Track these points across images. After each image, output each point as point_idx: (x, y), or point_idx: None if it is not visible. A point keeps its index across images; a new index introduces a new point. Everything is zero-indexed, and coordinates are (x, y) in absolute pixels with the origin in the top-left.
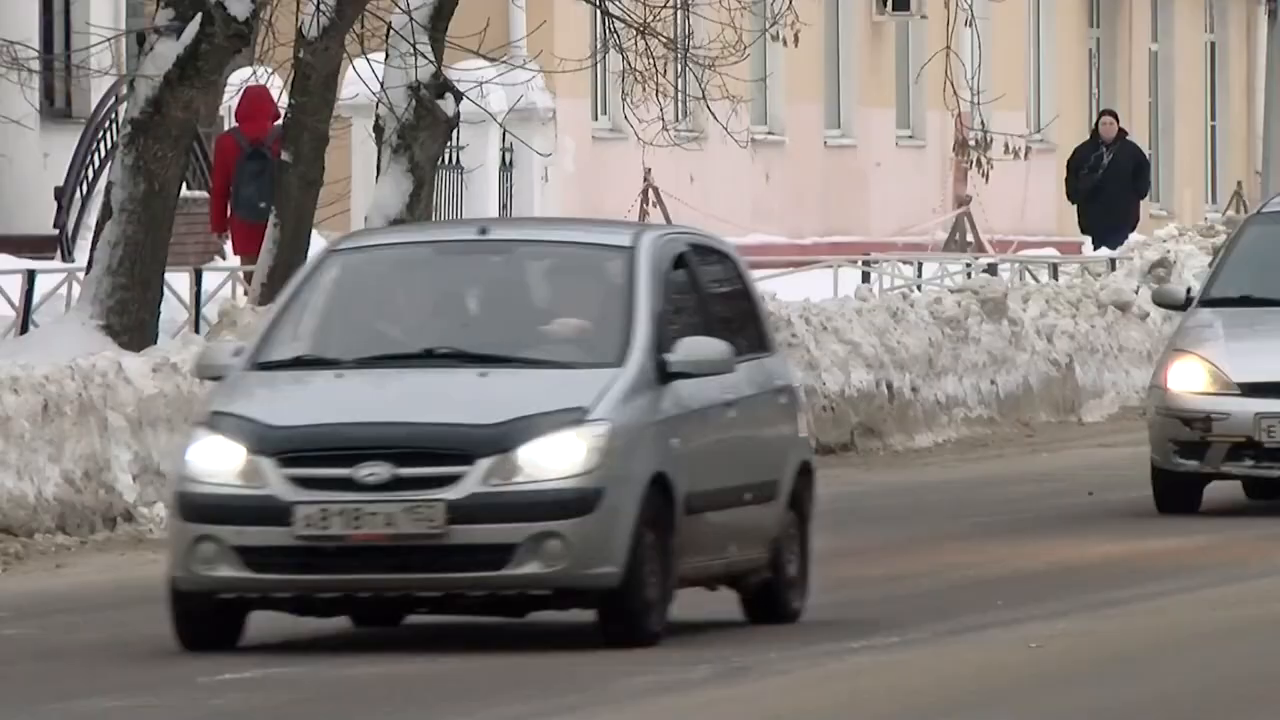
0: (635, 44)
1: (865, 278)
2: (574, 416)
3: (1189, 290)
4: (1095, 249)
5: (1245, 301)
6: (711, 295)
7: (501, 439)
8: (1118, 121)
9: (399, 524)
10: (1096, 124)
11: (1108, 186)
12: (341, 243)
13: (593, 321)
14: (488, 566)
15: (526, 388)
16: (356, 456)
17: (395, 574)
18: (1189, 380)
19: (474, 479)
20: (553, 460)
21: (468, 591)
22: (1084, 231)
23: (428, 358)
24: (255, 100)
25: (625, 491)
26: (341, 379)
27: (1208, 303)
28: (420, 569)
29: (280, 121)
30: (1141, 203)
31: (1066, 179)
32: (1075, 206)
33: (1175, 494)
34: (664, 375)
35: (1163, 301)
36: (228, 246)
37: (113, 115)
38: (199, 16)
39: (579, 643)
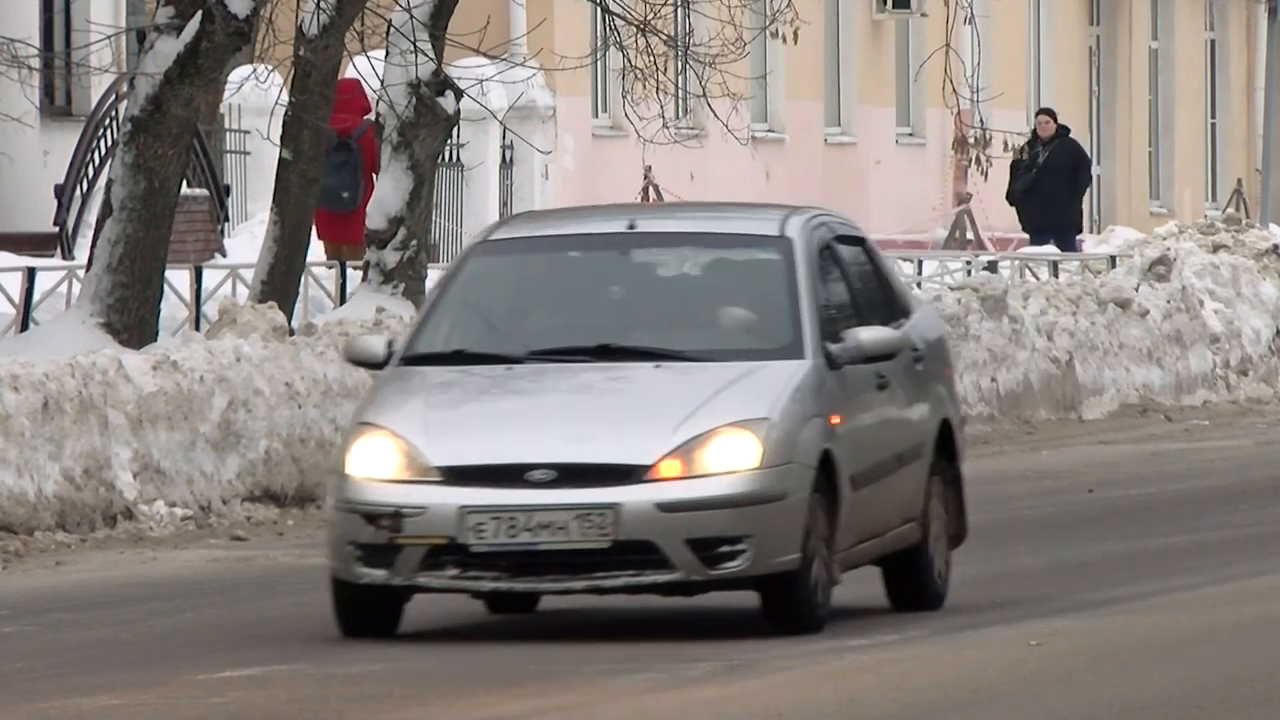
0: (635, 41)
1: None
2: None
3: (390, 344)
4: (1034, 245)
5: (459, 359)
6: None
7: None
8: (1055, 120)
9: None
10: (1035, 124)
11: (1043, 185)
12: None
13: None
14: None
15: None
16: None
17: None
18: (375, 463)
19: None
20: None
21: None
22: (1024, 230)
23: None
24: (345, 93)
25: None
26: None
27: (413, 360)
28: None
29: (371, 115)
30: (1084, 202)
31: (1008, 180)
32: (1014, 207)
33: (362, 613)
34: None
35: (357, 357)
36: (228, 243)
37: (113, 113)
38: (199, 14)
39: (579, 643)
